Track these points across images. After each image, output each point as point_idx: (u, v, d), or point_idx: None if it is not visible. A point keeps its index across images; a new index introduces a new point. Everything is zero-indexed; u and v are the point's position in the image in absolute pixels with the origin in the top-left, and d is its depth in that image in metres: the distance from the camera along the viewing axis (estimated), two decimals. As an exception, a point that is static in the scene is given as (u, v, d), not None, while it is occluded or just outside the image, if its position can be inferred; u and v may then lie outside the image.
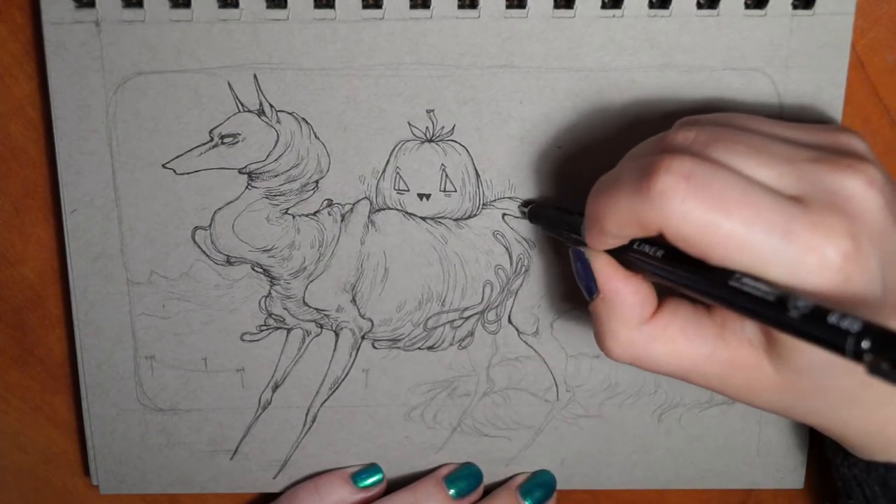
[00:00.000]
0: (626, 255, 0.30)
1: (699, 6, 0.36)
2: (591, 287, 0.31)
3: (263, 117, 0.37)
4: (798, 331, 0.24)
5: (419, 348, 0.40)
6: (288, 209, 0.38)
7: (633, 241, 0.30)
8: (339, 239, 0.39)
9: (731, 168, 0.26)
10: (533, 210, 0.37)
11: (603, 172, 0.38)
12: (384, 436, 0.41)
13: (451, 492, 0.40)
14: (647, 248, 0.29)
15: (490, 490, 0.42)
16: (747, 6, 0.36)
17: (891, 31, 0.37)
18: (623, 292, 0.30)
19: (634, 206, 0.27)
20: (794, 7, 0.36)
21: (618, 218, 0.28)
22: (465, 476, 0.41)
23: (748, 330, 0.29)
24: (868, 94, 0.38)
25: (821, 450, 0.39)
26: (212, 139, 0.37)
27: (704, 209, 0.25)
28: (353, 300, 0.39)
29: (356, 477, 0.41)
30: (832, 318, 0.23)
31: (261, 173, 0.38)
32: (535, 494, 0.41)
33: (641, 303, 0.30)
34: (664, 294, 0.32)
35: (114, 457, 0.41)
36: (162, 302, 0.39)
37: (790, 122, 0.31)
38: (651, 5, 0.36)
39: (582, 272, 0.31)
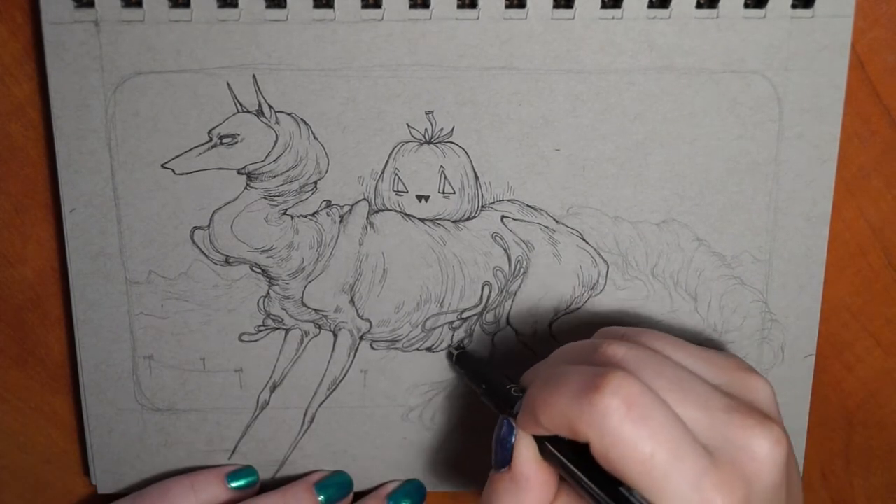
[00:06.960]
0: (544, 445, 0.31)
1: (699, 6, 0.36)
2: (505, 460, 0.31)
3: (262, 118, 0.37)
4: None
5: (417, 349, 0.40)
6: (287, 210, 0.38)
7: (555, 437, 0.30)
8: (337, 240, 0.39)
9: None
10: (463, 356, 0.38)
11: (601, 176, 0.38)
12: (382, 436, 0.41)
13: (321, 498, 0.40)
14: (562, 450, 0.30)
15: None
16: (747, 6, 0.36)
17: (891, 32, 0.37)
18: (533, 481, 0.31)
19: (573, 414, 0.28)
20: (794, 6, 0.36)
21: (553, 418, 0.29)
22: (336, 485, 0.41)
23: None
24: (868, 95, 0.38)
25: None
26: (211, 139, 0.37)
27: (637, 439, 0.27)
28: (352, 301, 0.39)
29: (230, 477, 0.41)
30: None
31: (259, 174, 0.38)
32: (404, 502, 0.41)
33: (546, 495, 0.31)
34: (561, 483, 0.32)
35: (112, 456, 0.41)
36: (160, 302, 0.39)
37: (701, 348, 0.32)
38: (651, 5, 0.36)
39: (501, 444, 0.32)
